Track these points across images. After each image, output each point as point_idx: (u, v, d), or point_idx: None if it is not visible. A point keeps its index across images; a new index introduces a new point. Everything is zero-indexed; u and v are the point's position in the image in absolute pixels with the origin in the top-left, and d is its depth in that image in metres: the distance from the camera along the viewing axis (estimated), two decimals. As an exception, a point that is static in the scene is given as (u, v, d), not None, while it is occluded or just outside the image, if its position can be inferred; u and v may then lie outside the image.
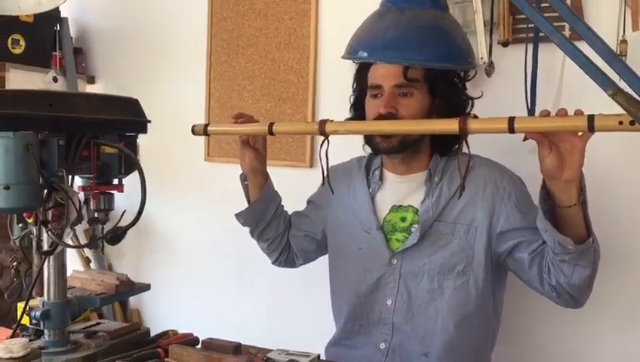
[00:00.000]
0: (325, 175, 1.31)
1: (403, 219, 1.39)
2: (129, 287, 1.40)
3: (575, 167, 1.04)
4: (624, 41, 1.45)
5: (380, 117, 1.29)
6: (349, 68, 1.92)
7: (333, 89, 2.01)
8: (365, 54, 0.87)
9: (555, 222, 1.13)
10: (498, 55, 1.59)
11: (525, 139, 1.09)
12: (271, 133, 1.34)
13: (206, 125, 1.47)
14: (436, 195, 1.35)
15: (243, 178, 1.55)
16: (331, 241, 1.53)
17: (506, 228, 1.30)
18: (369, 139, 1.40)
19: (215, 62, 2.24)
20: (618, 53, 1.46)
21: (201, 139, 2.31)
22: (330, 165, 1.32)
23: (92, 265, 2.57)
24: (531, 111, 1.48)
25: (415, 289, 1.35)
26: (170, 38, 2.42)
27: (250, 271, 2.25)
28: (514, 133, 1.04)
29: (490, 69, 1.58)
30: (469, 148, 1.12)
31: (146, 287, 1.46)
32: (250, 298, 2.29)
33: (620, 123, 0.94)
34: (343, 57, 1.15)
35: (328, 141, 1.26)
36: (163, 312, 2.51)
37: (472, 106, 1.38)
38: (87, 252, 2.56)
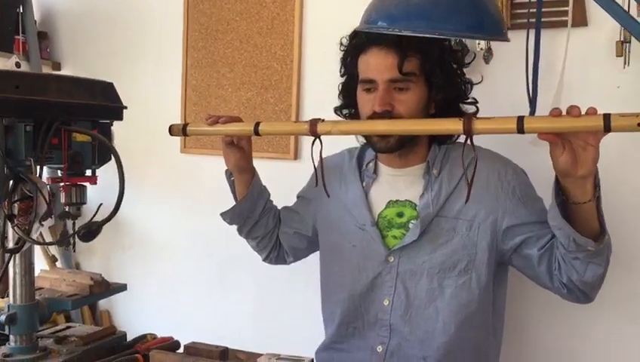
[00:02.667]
0: (320, 176, 1.22)
1: (400, 215, 1.31)
2: (104, 288, 1.29)
3: (590, 163, 0.99)
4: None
5: (376, 115, 1.21)
6: (337, 54, 1.84)
7: (320, 77, 1.92)
8: (385, 24, 0.76)
9: (567, 218, 1.07)
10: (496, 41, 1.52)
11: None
12: (257, 133, 1.25)
13: (185, 125, 1.36)
14: (436, 189, 1.27)
15: (229, 174, 1.45)
16: (323, 239, 1.44)
17: (513, 224, 1.23)
18: (365, 137, 1.33)
19: (192, 47, 2.12)
20: (622, 38, 1.41)
21: (177, 129, 2.19)
22: (313, 162, 1.23)
23: (58, 263, 2.42)
24: (533, 102, 1.41)
25: (414, 289, 1.27)
26: (144, 22, 2.28)
27: (234, 269, 2.15)
28: (523, 133, 0.98)
29: (488, 55, 1.51)
30: (474, 149, 1.04)
31: (123, 288, 1.35)
32: (233, 298, 2.18)
33: (639, 125, 0.88)
34: (358, 29, 1.03)
35: (321, 141, 1.18)
36: (137, 314, 2.38)
37: (471, 90, 1.32)
38: (54, 249, 2.42)
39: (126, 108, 1.27)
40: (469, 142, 1.04)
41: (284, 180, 1.59)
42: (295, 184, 1.57)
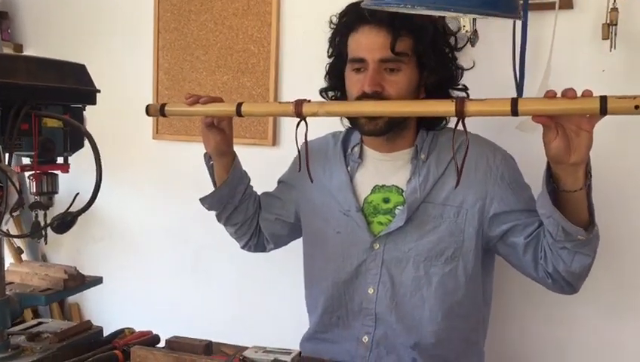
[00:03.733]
0: (304, 160, 1.17)
1: (386, 200, 1.28)
2: (79, 282, 1.23)
3: (583, 150, 0.97)
4: (615, 9, 1.38)
5: (365, 96, 1.17)
6: (317, 35, 1.79)
7: (299, 59, 1.86)
8: (395, 0, 0.72)
9: (557, 206, 1.05)
10: (482, 23, 1.49)
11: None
12: (239, 114, 1.20)
13: (163, 105, 1.30)
14: (424, 174, 1.25)
15: (207, 158, 1.40)
16: (306, 225, 1.41)
17: (500, 211, 1.21)
18: (352, 120, 1.28)
19: (163, 29, 2.04)
20: (608, 21, 1.39)
21: (149, 114, 2.11)
22: (297, 145, 1.19)
23: (24, 256, 2.32)
24: (520, 86, 1.39)
25: (399, 277, 1.25)
26: (112, 1, 2.18)
27: (211, 258, 2.09)
28: (517, 115, 0.95)
29: (474, 38, 1.48)
30: (466, 132, 1.01)
31: (98, 281, 1.30)
32: (212, 288, 2.12)
33: (637, 107, 0.86)
34: (365, 5, 0.96)
35: (306, 123, 1.13)
36: (109, 307, 2.30)
37: (462, 76, 1.29)
38: (18, 241, 2.31)
39: (99, 91, 1.22)
40: (460, 124, 1.01)
41: (262, 167, 1.55)
42: (274, 170, 1.53)
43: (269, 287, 2.00)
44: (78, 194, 1.05)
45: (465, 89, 1.29)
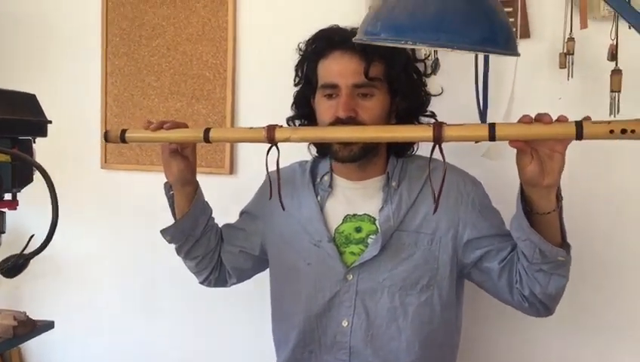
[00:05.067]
0: (277, 188, 1.15)
1: (358, 230, 1.25)
2: (30, 328, 1.13)
3: (556, 172, 0.99)
4: (571, 39, 1.42)
5: (339, 121, 1.15)
6: (275, 63, 1.76)
7: (256, 86, 1.82)
8: (398, 36, 0.70)
9: None
10: (443, 51, 1.51)
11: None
12: (207, 140, 1.15)
13: (123, 130, 1.23)
14: (396, 202, 1.23)
15: (168, 188, 1.33)
16: (273, 257, 1.35)
17: (473, 237, 1.21)
18: (325, 146, 1.26)
19: (112, 54, 1.95)
20: (565, 51, 1.43)
21: (96, 143, 2.01)
22: (267, 172, 1.17)
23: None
24: (483, 113, 1.41)
25: (374, 308, 1.22)
26: (57, 23, 2.06)
27: (164, 291, 1.99)
28: (495, 140, 0.96)
29: (435, 65, 1.48)
30: (444, 157, 1.01)
31: (50, 325, 1.21)
32: (165, 324, 2.01)
33: (611, 131, 0.89)
34: (356, 40, 0.92)
35: (278, 149, 1.10)
36: (54, 348, 2.13)
37: (429, 103, 1.29)
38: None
39: (50, 122, 1.14)
40: (437, 150, 1.00)
41: (219, 196, 1.48)
42: (232, 200, 1.48)
43: (229, 321, 1.92)
44: (33, 236, 0.97)
45: (433, 115, 1.29)
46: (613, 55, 1.39)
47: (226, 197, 1.59)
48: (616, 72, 1.39)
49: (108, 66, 1.96)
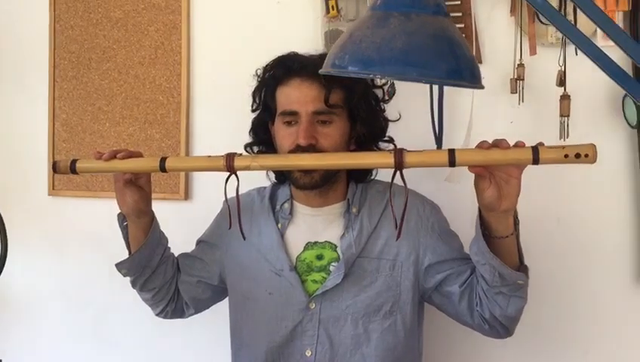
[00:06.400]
0: (237, 217, 1.13)
1: (319, 257, 1.24)
2: (-25, 372, 1.06)
3: (513, 197, 1.01)
4: (521, 65, 1.47)
5: (299, 149, 1.15)
6: (230, 87, 1.74)
7: (211, 110, 1.79)
8: (366, 70, 0.70)
9: None
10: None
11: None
12: (163, 170, 1.11)
13: (74, 161, 1.18)
14: (357, 229, 1.22)
15: (121, 218, 1.28)
16: (233, 286, 1.32)
17: (434, 261, 1.22)
18: (285, 174, 1.25)
19: (61, 77, 1.88)
20: (515, 76, 1.47)
21: (43, 169, 1.93)
22: (226, 200, 1.11)
23: None
24: (439, 138, 1.43)
25: (338, 336, 1.20)
26: (3, 47, 1.98)
27: (116, 322, 1.91)
28: (454, 166, 0.97)
29: (391, 90, 1.50)
30: (405, 183, 1.01)
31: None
32: (117, 357, 1.93)
33: (566, 156, 0.93)
34: (322, 72, 0.89)
35: (237, 178, 1.08)
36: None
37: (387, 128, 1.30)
38: None
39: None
40: (398, 176, 1.01)
41: (173, 223, 1.44)
42: (186, 227, 1.44)
43: (185, 352, 1.86)
44: (-18, 274, 0.91)
45: (391, 140, 1.29)
46: (561, 81, 1.44)
47: (181, 223, 1.56)
48: (565, 97, 1.44)
49: (56, 90, 1.89)
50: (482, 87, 0.81)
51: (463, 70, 0.73)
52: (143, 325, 1.83)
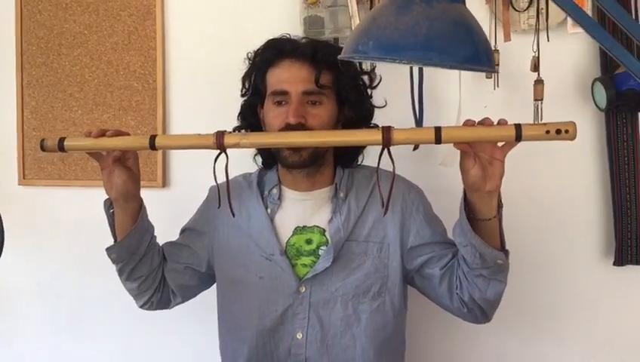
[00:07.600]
0: (228, 196, 1.13)
1: (309, 242, 1.25)
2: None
3: (497, 178, 1.04)
4: (496, 51, 1.51)
5: (289, 127, 1.16)
6: (206, 73, 1.72)
7: (188, 97, 1.78)
8: (390, 55, 0.71)
9: None
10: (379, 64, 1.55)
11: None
12: (153, 147, 1.10)
13: (62, 138, 1.15)
14: (345, 213, 1.25)
15: (108, 204, 1.26)
16: (222, 273, 1.33)
17: (417, 244, 1.25)
18: (274, 153, 1.25)
19: (29, 64, 1.83)
20: (492, 63, 1.51)
21: (12, 158, 1.88)
22: (216, 181, 1.12)
23: None
24: (419, 123, 1.46)
25: (328, 318, 1.23)
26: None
27: (92, 313, 1.89)
28: (440, 143, 0.99)
29: (373, 75, 1.51)
30: (392, 160, 1.03)
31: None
32: (94, 349, 1.91)
33: (547, 132, 0.96)
34: (345, 58, 0.87)
35: (227, 156, 1.08)
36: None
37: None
38: None
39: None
40: (385, 153, 1.01)
41: (151, 211, 1.42)
42: (165, 214, 1.43)
43: (167, 340, 1.85)
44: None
45: (376, 127, 1.31)
46: (535, 66, 1.49)
47: (160, 211, 1.54)
48: (539, 82, 1.49)
49: (24, 77, 1.84)
50: (497, 72, 0.83)
51: (481, 55, 0.76)
52: (120, 314, 1.82)
